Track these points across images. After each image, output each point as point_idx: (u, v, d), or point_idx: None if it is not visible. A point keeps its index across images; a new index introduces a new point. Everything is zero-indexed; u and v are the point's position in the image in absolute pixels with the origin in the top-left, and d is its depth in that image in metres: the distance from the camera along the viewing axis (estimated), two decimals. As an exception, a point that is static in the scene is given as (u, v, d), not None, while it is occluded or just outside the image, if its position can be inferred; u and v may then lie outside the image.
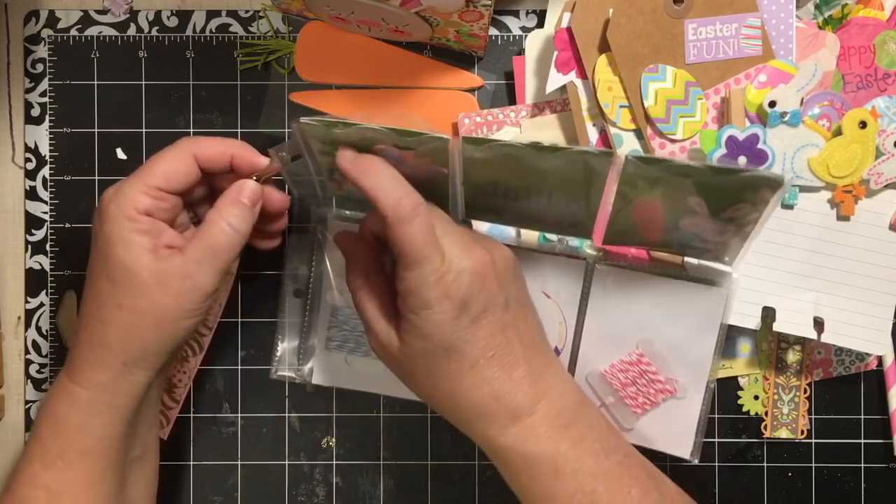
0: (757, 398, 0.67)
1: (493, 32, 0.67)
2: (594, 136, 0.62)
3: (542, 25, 0.67)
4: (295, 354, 0.66)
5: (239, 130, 0.67)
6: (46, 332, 0.67)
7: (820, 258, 0.62)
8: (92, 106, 0.67)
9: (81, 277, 0.61)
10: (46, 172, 0.67)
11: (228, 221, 0.54)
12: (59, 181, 0.67)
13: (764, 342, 0.66)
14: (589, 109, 0.62)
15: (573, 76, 0.61)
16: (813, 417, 0.68)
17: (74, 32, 0.67)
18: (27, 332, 0.68)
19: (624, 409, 0.63)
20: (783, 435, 0.67)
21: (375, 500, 0.68)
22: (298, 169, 0.58)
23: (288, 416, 0.68)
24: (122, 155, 0.67)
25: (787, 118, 0.59)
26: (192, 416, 0.68)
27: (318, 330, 0.66)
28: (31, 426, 0.61)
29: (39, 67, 0.67)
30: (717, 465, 0.68)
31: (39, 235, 0.67)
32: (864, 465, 0.68)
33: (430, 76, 0.66)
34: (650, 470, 0.55)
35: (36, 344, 0.68)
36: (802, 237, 0.61)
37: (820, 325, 0.62)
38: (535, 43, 0.65)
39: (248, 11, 0.67)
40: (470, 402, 0.53)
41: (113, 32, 0.67)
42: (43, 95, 0.67)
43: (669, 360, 0.63)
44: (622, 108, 0.60)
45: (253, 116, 0.67)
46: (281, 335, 0.66)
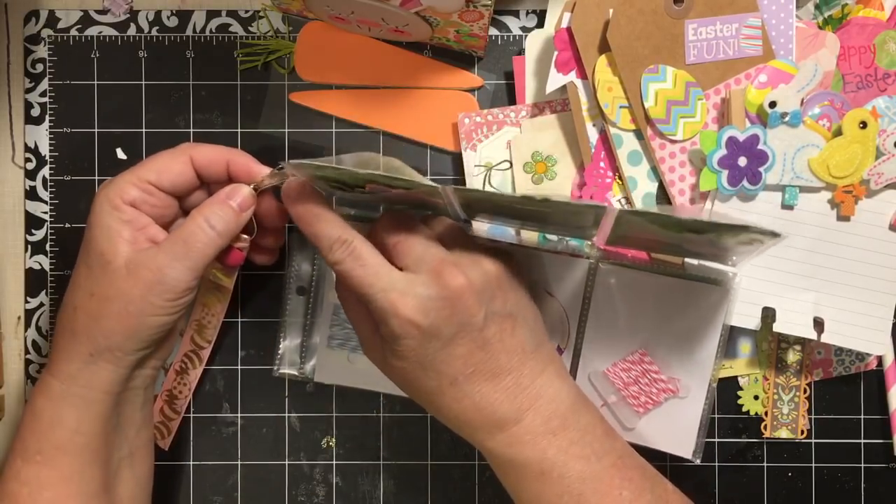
0: (757, 398, 0.67)
1: (493, 32, 0.67)
2: (594, 136, 0.62)
3: (542, 25, 0.67)
4: (297, 352, 0.66)
5: (239, 130, 0.67)
6: (46, 332, 0.67)
7: (820, 258, 0.62)
8: (92, 106, 0.67)
9: (81, 277, 0.61)
10: (46, 172, 0.67)
11: (208, 219, 0.55)
12: (59, 181, 0.67)
13: (764, 342, 0.66)
14: (589, 109, 0.62)
15: (573, 76, 0.61)
16: (813, 417, 0.68)
17: (74, 32, 0.67)
18: (27, 332, 0.68)
19: (626, 408, 0.63)
20: (783, 435, 0.67)
21: (375, 500, 0.68)
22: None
23: (288, 416, 0.68)
24: (122, 155, 0.67)
25: (787, 118, 0.59)
26: (192, 416, 0.68)
27: (320, 328, 0.66)
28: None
29: (39, 67, 0.67)
30: (717, 465, 0.68)
31: (39, 235, 0.67)
32: (864, 465, 0.68)
33: (430, 76, 0.66)
34: (646, 471, 0.55)
35: (36, 344, 0.68)
36: (802, 237, 0.61)
37: (820, 325, 0.62)
38: (535, 43, 0.65)
39: (248, 11, 0.67)
40: (453, 412, 0.54)
41: (113, 32, 0.67)
42: (43, 95, 0.67)
43: (672, 359, 0.63)
44: (622, 108, 0.60)
45: (253, 116, 0.67)
46: (283, 333, 0.66)
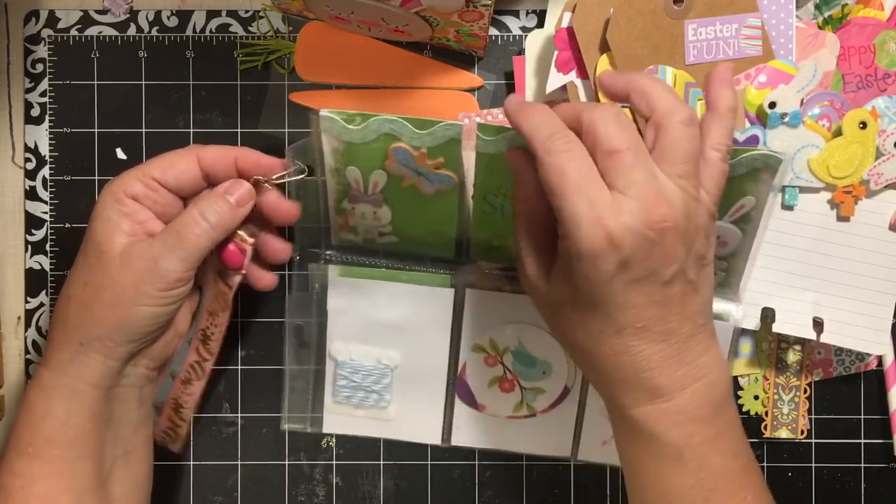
0: (757, 398, 0.67)
1: (493, 32, 0.67)
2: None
3: (542, 25, 0.67)
4: (304, 404, 0.66)
5: (239, 130, 0.67)
6: (46, 332, 0.67)
7: (820, 258, 0.62)
8: (92, 106, 0.67)
9: (81, 277, 0.61)
10: (46, 172, 0.67)
11: (202, 211, 0.55)
12: (59, 181, 0.67)
13: (764, 342, 0.66)
14: (589, 109, 0.62)
15: (573, 76, 0.61)
16: (813, 417, 0.68)
17: (74, 32, 0.67)
18: (27, 332, 0.68)
19: None
20: (783, 435, 0.67)
21: (375, 500, 0.68)
22: (305, 219, 0.60)
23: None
24: (122, 155, 0.67)
25: (787, 119, 0.59)
26: (191, 416, 0.68)
27: (325, 381, 0.66)
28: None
29: (39, 67, 0.67)
30: (717, 465, 0.68)
31: (39, 235, 0.67)
32: (864, 465, 0.68)
33: (430, 76, 0.66)
34: (762, 478, 0.53)
35: (36, 344, 0.68)
36: (802, 237, 0.61)
37: (819, 325, 0.62)
38: (535, 43, 0.65)
39: (248, 11, 0.67)
40: (606, 365, 0.50)
41: (113, 32, 0.67)
42: (43, 95, 0.67)
43: None
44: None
45: (253, 116, 0.67)
46: (289, 385, 0.66)
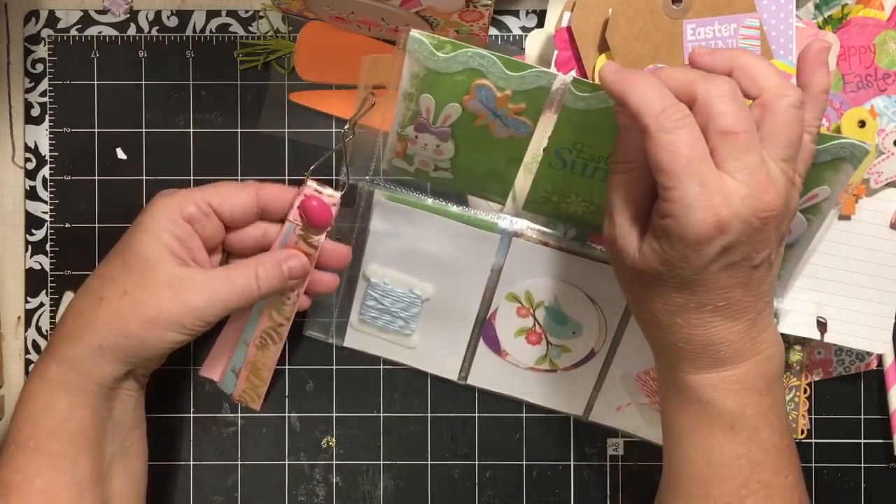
0: (757, 398, 0.67)
1: (493, 32, 0.67)
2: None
3: (542, 25, 0.67)
4: (328, 315, 0.65)
5: (239, 130, 0.67)
6: (46, 332, 0.67)
7: (822, 258, 0.62)
8: (92, 106, 0.67)
9: (81, 277, 0.61)
10: (46, 172, 0.67)
11: (258, 276, 0.57)
12: (59, 181, 0.67)
13: (764, 342, 0.66)
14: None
15: (573, 75, 0.61)
16: (813, 417, 0.68)
17: (74, 32, 0.67)
18: (27, 332, 0.68)
19: (652, 413, 0.64)
20: (783, 435, 0.67)
21: (375, 500, 0.68)
22: (363, 137, 0.59)
23: (288, 416, 0.68)
24: (122, 155, 0.67)
25: (786, 118, 0.59)
26: (192, 416, 0.68)
27: (354, 297, 0.65)
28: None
29: (39, 67, 0.67)
30: (717, 465, 0.68)
31: (39, 235, 0.67)
32: (864, 465, 0.68)
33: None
34: (799, 462, 0.53)
35: (36, 344, 0.68)
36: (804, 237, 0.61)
37: (823, 325, 0.62)
38: (535, 43, 0.65)
39: (248, 11, 0.67)
40: (677, 336, 0.49)
41: (113, 32, 0.67)
42: (43, 95, 0.67)
43: None
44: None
45: (253, 116, 0.67)
46: (316, 297, 0.64)
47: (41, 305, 0.67)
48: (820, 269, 0.62)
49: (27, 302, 0.68)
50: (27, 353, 0.68)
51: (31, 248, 0.67)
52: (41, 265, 0.67)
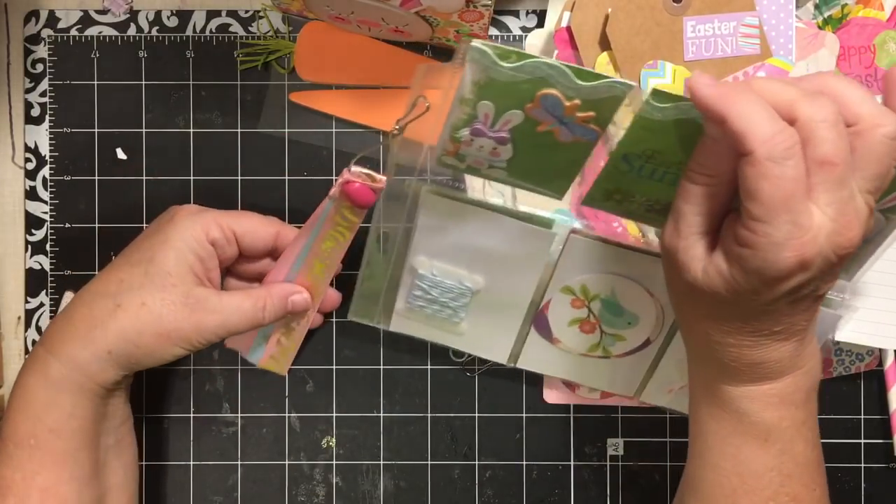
0: (757, 398, 0.67)
1: (493, 32, 0.67)
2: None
3: (542, 25, 0.67)
4: (373, 302, 0.65)
5: (239, 130, 0.67)
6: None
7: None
8: (92, 106, 0.67)
9: (81, 277, 0.61)
10: (46, 172, 0.67)
11: (266, 307, 0.59)
12: (59, 181, 0.67)
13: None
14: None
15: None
16: (813, 417, 0.68)
17: (74, 32, 0.67)
18: (27, 332, 0.68)
19: None
20: (783, 435, 0.67)
21: (375, 500, 0.68)
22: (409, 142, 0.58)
23: (288, 416, 0.68)
24: (122, 155, 0.67)
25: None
26: (192, 416, 0.68)
27: (401, 285, 0.64)
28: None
29: (39, 67, 0.67)
30: (717, 464, 0.68)
31: (39, 235, 0.67)
32: (864, 465, 0.68)
33: (429, 76, 0.66)
34: (825, 476, 0.53)
35: (36, 344, 0.68)
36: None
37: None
38: (535, 43, 0.65)
39: (248, 11, 0.67)
40: (724, 353, 0.48)
41: (113, 32, 0.67)
42: (43, 95, 0.67)
43: None
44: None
45: (253, 116, 0.67)
46: (360, 284, 0.64)
47: (41, 305, 0.67)
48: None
49: (27, 302, 0.67)
50: (27, 353, 0.68)
51: (31, 248, 0.67)
52: (41, 265, 0.67)
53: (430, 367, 0.68)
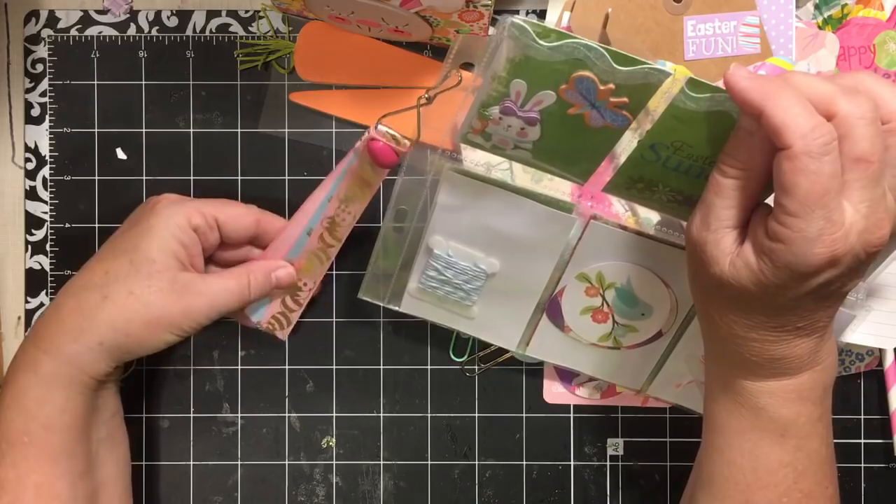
0: (757, 398, 0.67)
1: (492, 33, 0.67)
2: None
3: (541, 25, 0.67)
4: (385, 281, 0.64)
5: (239, 130, 0.67)
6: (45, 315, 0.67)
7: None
8: (92, 106, 0.67)
9: (81, 277, 0.61)
10: (46, 172, 0.67)
11: (251, 285, 0.59)
12: (59, 181, 0.67)
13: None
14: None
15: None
16: (813, 417, 0.68)
17: (74, 32, 0.67)
18: (27, 332, 0.68)
19: None
20: (783, 435, 0.67)
21: (375, 500, 0.68)
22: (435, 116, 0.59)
23: (288, 416, 0.68)
24: (122, 155, 0.67)
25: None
26: (192, 416, 0.68)
27: (415, 265, 0.63)
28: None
29: (39, 67, 0.67)
30: (717, 464, 0.68)
31: (39, 235, 0.67)
32: (864, 465, 0.68)
33: (430, 76, 0.66)
34: (837, 474, 0.53)
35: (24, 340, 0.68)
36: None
37: None
38: (534, 43, 0.65)
39: (248, 11, 0.67)
40: (746, 348, 0.48)
41: (113, 32, 0.67)
42: (43, 95, 0.67)
43: None
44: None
45: (253, 116, 0.67)
46: (373, 262, 0.63)
47: (41, 305, 0.67)
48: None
49: (27, 302, 0.67)
50: (27, 353, 0.68)
51: (31, 248, 0.67)
52: (41, 265, 0.67)
53: (430, 367, 0.68)
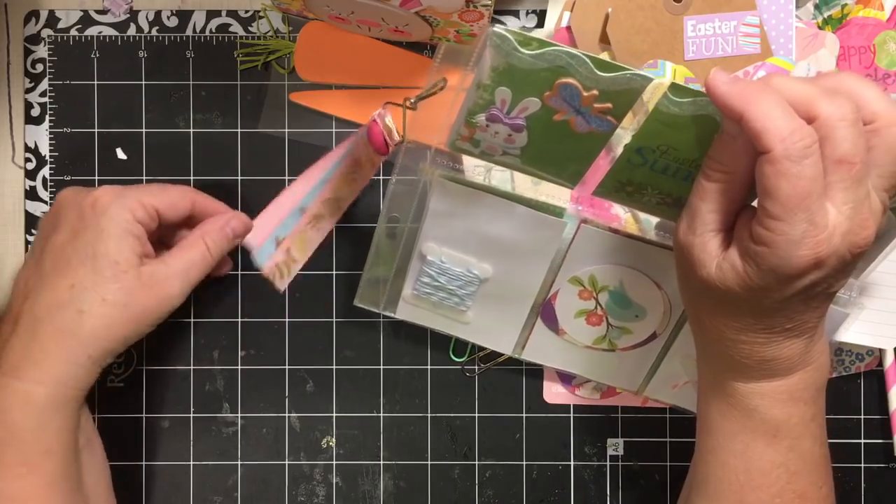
0: (757, 398, 0.67)
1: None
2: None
3: (542, 25, 0.67)
4: (380, 288, 0.64)
5: (239, 130, 0.67)
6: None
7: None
8: (92, 106, 0.67)
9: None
10: (46, 172, 0.67)
11: (209, 247, 0.59)
12: (59, 181, 0.67)
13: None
14: (589, 108, 0.62)
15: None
16: (813, 417, 0.68)
17: (74, 32, 0.67)
18: None
19: None
20: (783, 435, 0.67)
21: (375, 500, 0.68)
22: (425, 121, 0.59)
23: (288, 416, 0.68)
24: (122, 155, 0.67)
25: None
26: (192, 416, 0.68)
27: (408, 272, 0.64)
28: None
29: (39, 67, 0.67)
30: (717, 464, 0.68)
31: (39, 235, 0.67)
32: (864, 465, 0.68)
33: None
34: (831, 474, 0.53)
35: None
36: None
37: None
38: (534, 43, 0.65)
39: (248, 11, 0.67)
40: (735, 350, 0.48)
41: (113, 32, 0.67)
42: (43, 95, 0.67)
43: None
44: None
45: (253, 116, 0.67)
46: (368, 269, 0.64)
47: (41, 305, 0.67)
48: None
49: (27, 302, 0.67)
50: (27, 353, 0.68)
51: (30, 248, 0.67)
52: (41, 265, 0.67)
53: (430, 367, 0.68)
